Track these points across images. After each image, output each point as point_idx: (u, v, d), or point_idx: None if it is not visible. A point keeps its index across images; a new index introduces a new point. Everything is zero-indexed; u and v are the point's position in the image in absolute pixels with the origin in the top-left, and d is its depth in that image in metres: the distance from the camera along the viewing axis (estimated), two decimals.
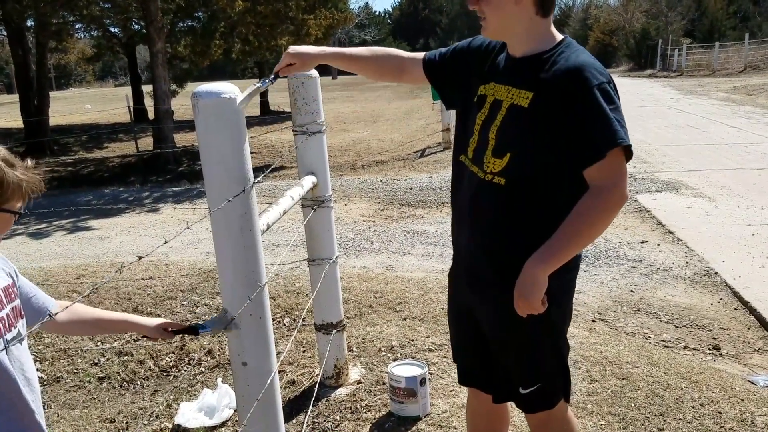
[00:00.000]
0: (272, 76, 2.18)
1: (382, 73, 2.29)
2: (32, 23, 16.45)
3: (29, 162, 1.55)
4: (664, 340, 3.97)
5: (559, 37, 1.86)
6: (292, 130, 3.01)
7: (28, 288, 1.73)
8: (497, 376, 2.06)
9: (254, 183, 1.88)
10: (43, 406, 3.55)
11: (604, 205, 1.72)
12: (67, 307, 1.79)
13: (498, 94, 1.89)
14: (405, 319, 4.06)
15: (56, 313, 1.74)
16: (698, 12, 44.35)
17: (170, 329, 1.87)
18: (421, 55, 2.20)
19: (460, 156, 2.04)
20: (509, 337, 1.96)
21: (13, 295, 1.62)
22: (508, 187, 1.84)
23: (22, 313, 1.63)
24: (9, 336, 1.55)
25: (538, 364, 1.98)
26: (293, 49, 2.17)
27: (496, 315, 1.96)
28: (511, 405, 2.32)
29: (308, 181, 2.92)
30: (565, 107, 1.72)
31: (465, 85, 2.02)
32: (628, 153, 1.72)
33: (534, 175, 1.81)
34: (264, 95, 23.22)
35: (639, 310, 4.44)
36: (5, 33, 18.19)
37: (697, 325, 4.22)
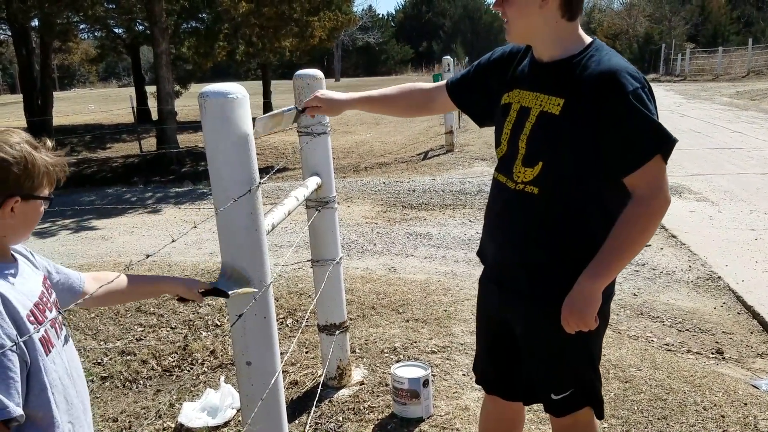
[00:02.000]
0: (297, 108, 2.23)
1: (412, 109, 2.30)
2: (37, 23, 16.46)
3: (49, 143, 1.48)
4: (667, 344, 3.96)
5: (588, 39, 1.81)
6: (297, 131, 3.02)
7: (54, 270, 1.63)
8: (528, 381, 2.04)
9: (260, 183, 1.89)
10: None
11: (650, 213, 1.71)
12: (100, 286, 1.70)
13: (525, 101, 1.85)
14: (408, 321, 4.06)
15: (88, 295, 1.66)
16: (702, 17, 44.33)
17: (200, 291, 1.83)
18: (443, 82, 2.19)
19: (495, 168, 2.02)
20: (545, 346, 1.94)
21: (51, 289, 1.55)
22: (542, 197, 1.80)
23: (58, 304, 1.56)
24: (62, 335, 1.51)
25: (573, 372, 1.96)
26: (322, 92, 2.26)
27: (531, 325, 1.94)
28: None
29: (313, 181, 2.93)
30: (600, 114, 1.68)
31: (492, 99, 1.99)
32: (666, 155, 1.70)
33: (567, 183, 1.78)
34: (267, 97, 23.21)
35: (642, 314, 4.43)
36: (9, 33, 18.22)
37: (700, 329, 4.21)
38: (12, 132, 1.41)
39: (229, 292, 1.79)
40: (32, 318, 1.38)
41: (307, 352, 3.75)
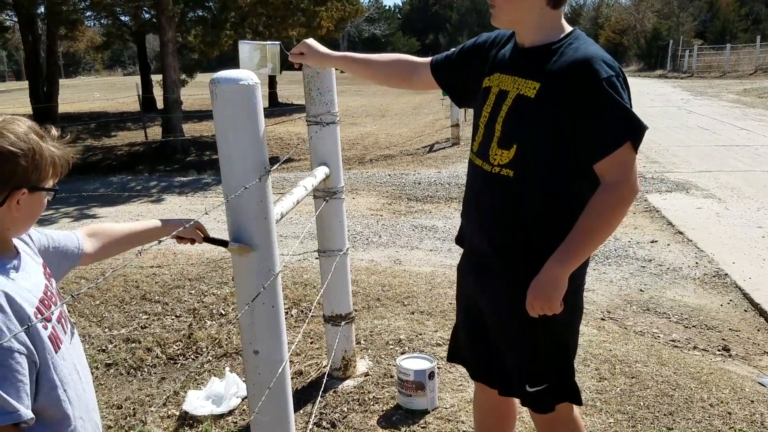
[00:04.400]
0: (279, 43, 2.18)
1: (392, 79, 2.29)
2: (43, 10, 16.44)
3: (54, 131, 1.41)
4: (673, 340, 3.95)
5: (569, 28, 1.84)
6: (306, 121, 3.00)
7: (47, 241, 1.56)
8: (504, 371, 2.03)
9: (270, 171, 1.87)
10: None
11: (617, 201, 1.72)
12: (93, 234, 1.71)
13: (503, 84, 1.87)
14: (413, 313, 4.05)
15: (84, 252, 1.64)
16: (710, 13, 44.14)
17: (203, 236, 1.86)
18: (426, 60, 2.19)
19: (470, 151, 2.03)
20: (518, 334, 1.94)
21: (52, 278, 1.48)
22: (517, 180, 1.82)
23: (59, 293, 1.51)
24: (68, 330, 1.47)
25: (547, 363, 1.95)
26: (310, 41, 2.23)
27: (504, 311, 1.94)
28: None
29: (321, 171, 2.91)
30: (573, 100, 1.71)
31: (474, 83, 2.01)
32: (636, 143, 1.71)
33: (542, 166, 1.79)
34: (273, 87, 23.17)
35: (648, 310, 4.41)
36: (16, 19, 18.21)
37: (706, 325, 4.20)
38: (18, 121, 1.35)
39: (229, 245, 1.81)
40: (39, 315, 1.33)
41: (312, 343, 3.74)
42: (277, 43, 2.14)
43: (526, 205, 1.83)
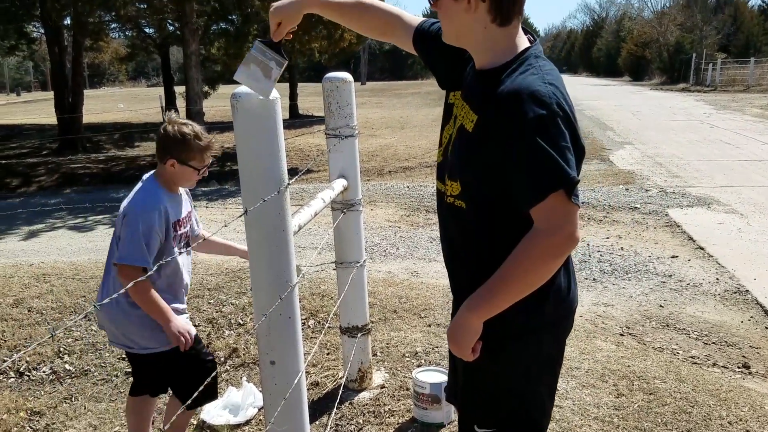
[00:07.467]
0: (261, 41, 2.05)
1: (368, 28, 2.07)
2: (69, 22, 16.72)
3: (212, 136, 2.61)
4: (692, 357, 3.91)
5: (521, 47, 1.61)
6: (325, 134, 3.03)
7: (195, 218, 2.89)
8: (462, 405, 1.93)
9: (288, 184, 1.90)
10: (71, 397, 3.58)
11: (543, 249, 1.50)
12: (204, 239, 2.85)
13: (458, 109, 1.71)
14: (430, 326, 4.06)
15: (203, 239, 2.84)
16: (734, 27, 43.79)
17: None
18: (418, 21, 1.96)
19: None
20: (473, 369, 1.78)
21: (191, 214, 2.82)
22: (470, 212, 1.67)
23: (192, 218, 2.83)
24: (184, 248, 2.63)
25: (496, 407, 1.79)
26: (274, 6, 2.01)
27: None
28: None
29: (339, 184, 2.94)
30: (500, 141, 1.51)
31: (453, 72, 1.79)
32: (570, 190, 1.47)
33: (489, 204, 1.63)
34: (293, 99, 23.31)
35: (668, 326, 4.38)
36: (42, 31, 18.54)
37: (726, 342, 4.15)
38: (187, 120, 2.62)
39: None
40: (176, 224, 2.62)
41: (328, 354, 3.76)
42: (256, 42, 2.02)
43: (479, 239, 1.69)
